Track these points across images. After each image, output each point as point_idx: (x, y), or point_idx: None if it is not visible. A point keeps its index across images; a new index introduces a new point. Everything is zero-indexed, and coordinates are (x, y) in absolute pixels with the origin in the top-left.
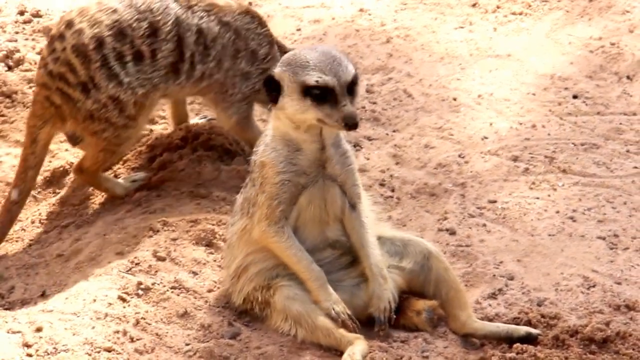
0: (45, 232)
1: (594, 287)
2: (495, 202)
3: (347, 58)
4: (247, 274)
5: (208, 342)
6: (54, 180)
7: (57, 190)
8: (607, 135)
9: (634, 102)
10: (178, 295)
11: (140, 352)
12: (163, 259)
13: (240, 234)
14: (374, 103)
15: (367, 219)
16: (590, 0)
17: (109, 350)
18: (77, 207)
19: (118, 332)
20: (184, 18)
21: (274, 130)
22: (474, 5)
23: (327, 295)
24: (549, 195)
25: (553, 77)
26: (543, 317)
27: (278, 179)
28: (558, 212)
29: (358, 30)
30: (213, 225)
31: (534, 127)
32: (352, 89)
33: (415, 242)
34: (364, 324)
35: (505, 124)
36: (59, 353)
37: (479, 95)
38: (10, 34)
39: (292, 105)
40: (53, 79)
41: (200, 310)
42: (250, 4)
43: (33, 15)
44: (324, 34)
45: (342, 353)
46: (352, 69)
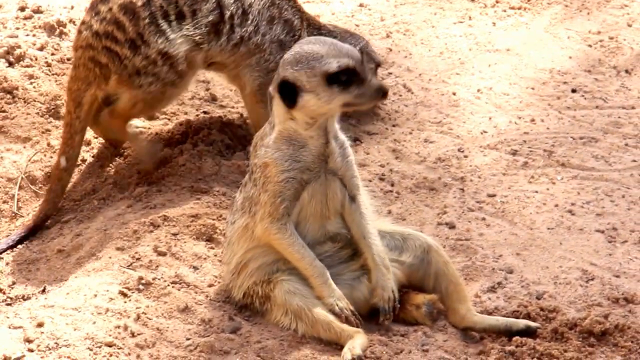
0: (46, 227)
1: (593, 280)
2: (495, 196)
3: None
4: (247, 269)
5: (209, 336)
6: None
7: None
8: (605, 129)
9: (633, 95)
10: (179, 290)
11: (141, 346)
12: (164, 254)
13: (242, 232)
14: None
15: (367, 210)
16: None
17: (110, 345)
18: (78, 202)
19: (119, 327)
20: None
21: (282, 132)
22: (473, 0)
23: (330, 292)
24: (548, 189)
25: (552, 71)
26: (542, 310)
27: (282, 177)
28: (557, 205)
29: (358, 25)
30: (214, 220)
31: (533, 121)
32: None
33: (415, 236)
34: (365, 318)
35: (505, 118)
36: (60, 348)
37: (478, 90)
38: (11, 30)
39: (317, 100)
40: (99, 39)
41: (201, 305)
42: None
43: (34, 11)
44: None
45: (342, 347)
46: (354, 48)
